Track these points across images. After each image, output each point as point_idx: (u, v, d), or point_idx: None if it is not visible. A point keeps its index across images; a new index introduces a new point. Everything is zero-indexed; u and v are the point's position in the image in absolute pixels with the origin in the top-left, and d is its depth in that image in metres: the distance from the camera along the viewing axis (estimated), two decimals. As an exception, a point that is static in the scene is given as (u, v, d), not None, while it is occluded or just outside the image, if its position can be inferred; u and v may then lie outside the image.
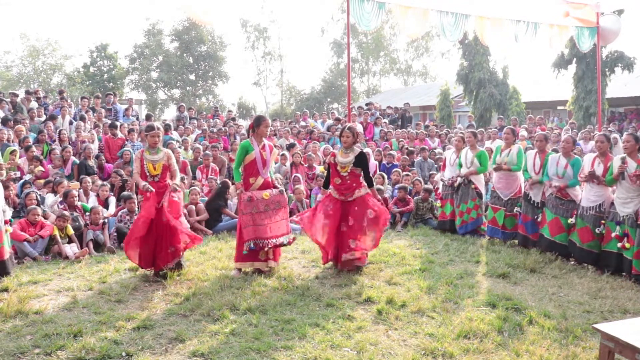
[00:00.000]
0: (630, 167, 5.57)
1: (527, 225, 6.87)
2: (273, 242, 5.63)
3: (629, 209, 5.58)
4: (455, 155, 7.91)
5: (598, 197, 5.96)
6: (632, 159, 5.61)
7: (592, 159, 6.08)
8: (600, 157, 6.01)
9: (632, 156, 5.63)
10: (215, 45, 39.54)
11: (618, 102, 23.10)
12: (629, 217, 5.58)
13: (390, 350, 3.81)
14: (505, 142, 7.32)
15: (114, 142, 10.22)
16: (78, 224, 7.02)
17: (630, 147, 5.66)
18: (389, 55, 47.48)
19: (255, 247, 5.56)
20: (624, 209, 5.63)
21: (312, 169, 10.17)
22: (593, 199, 6.00)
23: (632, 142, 5.65)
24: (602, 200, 5.94)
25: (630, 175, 5.53)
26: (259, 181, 5.73)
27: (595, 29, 8.98)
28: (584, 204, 6.10)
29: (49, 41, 39.05)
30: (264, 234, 5.59)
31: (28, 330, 4.11)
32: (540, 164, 6.71)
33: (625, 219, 5.61)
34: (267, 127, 5.84)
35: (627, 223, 5.59)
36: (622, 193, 5.67)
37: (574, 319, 4.39)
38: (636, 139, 5.67)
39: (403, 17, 7.48)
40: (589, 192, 6.05)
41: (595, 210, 5.97)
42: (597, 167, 5.94)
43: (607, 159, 5.92)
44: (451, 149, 8.25)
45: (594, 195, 5.99)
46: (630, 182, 5.56)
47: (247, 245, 5.55)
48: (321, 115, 16.60)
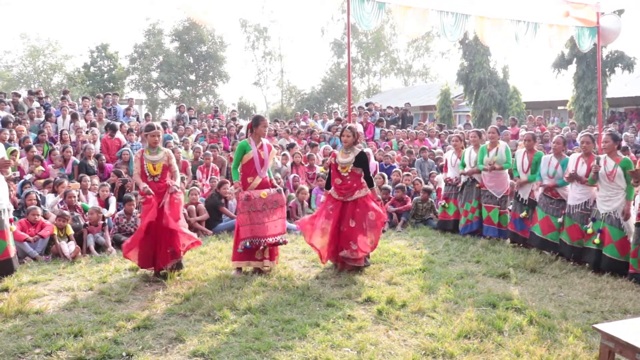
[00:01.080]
0: (609, 166, 5.71)
1: (516, 222, 7.04)
2: (269, 240, 5.65)
3: (608, 207, 5.73)
4: (456, 156, 7.95)
5: (583, 195, 6.10)
6: (611, 158, 5.75)
7: (576, 158, 6.20)
8: (584, 157, 6.14)
9: (612, 155, 5.76)
10: (215, 45, 39.55)
11: (618, 102, 23.09)
12: (608, 215, 5.72)
13: (390, 350, 3.81)
14: (491, 141, 7.41)
15: (112, 143, 10.26)
16: (78, 224, 7.02)
17: (609, 147, 5.79)
18: (389, 55, 47.47)
19: (251, 246, 5.58)
20: (603, 206, 5.79)
21: (313, 169, 10.17)
22: (578, 197, 6.13)
23: (611, 142, 5.78)
24: (588, 198, 6.08)
25: (608, 173, 5.67)
26: (257, 181, 5.74)
27: (595, 29, 8.96)
28: (570, 203, 6.23)
29: (49, 41, 39.21)
30: (261, 232, 5.61)
31: (28, 330, 4.11)
32: (528, 164, 6.84)
33: (604, 217, 5.75)
34: (265, 127, 5.85)
35: (604, 220, 5.73)
36: (602, 192, 5.83)
37: (574, 319, 4.39)
38: (614, 138, 5.81)
39: (403, 17, 7.46)
40: (575, 190, 6.19)
41: (581, 208, 6.11)
42: (581, 167, 6.09)
43: (591, 159, 6.03)
44: (451, 150, 8.27)
45: (579, 193, 6.13)
46: (607, 180, 5.69)
47: (242, 244, 5.58)
48: (321, 115, 16.59)
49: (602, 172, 5.74)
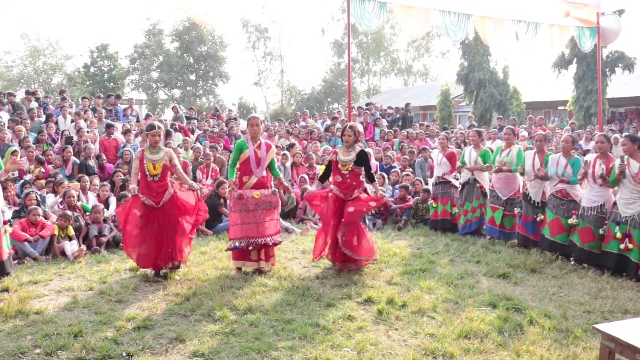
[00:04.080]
0: (633, 168, 5.53)
1: (527, 226, 6.86)
2: (258, 241, 5.63)
3: (632, 210, 5.55)
4: (441, 155, 8.08)
5: (599, 198, 5.94)
6: (633, 159, 5.58)
7: (593, 159, 6.01)
8: (601, 157, 5.96)
9: (634, 157, 5.60)
10: (215, 46, 39.56)
11: (618, 102, 23.10)
12: (632, 218, 5.55)
13: (390, 351, 3.80)
14: (506, 142, 7.32)
15: (109, 143, 10.30)
16: (79, 224, 7.02)
17: (629, 149, 5.64)
18: (389, 55, 47.47)
19: (240, 246, 5.57)
20: (626, 209, 5.60)
21: (313, 169, 10.17)
22: (594, 199, 5.97)
23: (629, 144, 5.63)
24: (604, 201, 5.91)
25: (634, 175, 5.51)
26: (252, 180, 5.73)
27: (595, 29, 8.97)
28: (584, 204, 6.07)
29: (49, 41, 39.20)
30: (251, 233, 5.60)
31: (28, 330, 4.11)
32: (540, 165, 6.71)
33: (628, 220, 5.58)
34: (254, 125, 5.80)
35: (629, 224, 5.56)
36: (625, 194, 5.63)
37: (575, 319, 4.38)
38: (632, 140, 5.66)
39: (404, 17, 7.45)
40: (590, 192, 6.02)
41: (596, 211, 5.95)
42: (599, 168, 5.89)
43: (609, 160, 5.88)
44: (436, 149, 8.35)
45: (594, 195, 5.96)
46: (633, 182, 5.53)
47: (231, 244, 5.60)
48: (321, 116, 16.59)
49: (627, 174, 5.56)
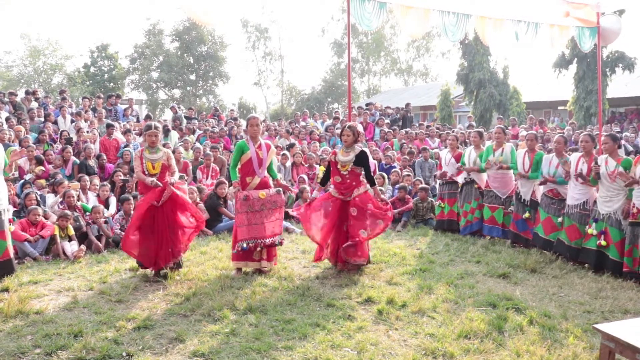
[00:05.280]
0: (610, 166, 5.73)
1: (518, 224, 7.02)
2: (266, 242, 5.63)
3: (609, 208, 5.75)
4: (450, 155, 8.04)
5: (582, 195, 6.12)
6: (612, 158, 5.79)
7: (577, 158, 6.21)
8: (585, 156, 6.15)
9: (613, 155, 5.81)
10: (215, 46, 39.56)
11: (619, 102, 23.10)
12: (609, 216, 5.74)
13: (390, 351, 3.80)
14: (497, 141, 7.38)
15: (110, 143, 10.31)
16: (78, 224, 7.02)
17: (609, 148, 5.85)
18: (389, 55, 47.48)
19: (248, 247, 5.57)
20: (604, 207, 5.80)
21: (313, 169, 10.17)
22: (577, 197, 6.15)
23: (610, 143, 5.85)
24: (586, 198, 6.10)
25: (610, 173, 5.69)
26: (256, 180, 5.73)
27: (595, 29, 8.95)
28: (569, 202, 6.26)
29: (49, 41, 39.25)
30: (259, 233, 5.59)
31: (28, 330, 4.11)
32: (529, 163, 6.82)
33: (605, 217, 5.77)
34: (254, 125, 5.80)
35: (606, 221, 5.75)
36: (603, 192, 5.84)
37: (575, 319, 4.38)
38: (614, 139, 5.89)
39: (404, 17, 7.44)
40: (573, 190, 6.21)
41: (579, 208, 6.13)
42: (582, 167, 6.09)
43: (592, 159, 6.06)
44: (446, 149, 8.34)
45: (577, 193, 6.15)
46: (609, 180, 5.70)
47: (239, 245, 5.56)
48: (321, 116, 16.58)
49: (603, 172, 5.76)
